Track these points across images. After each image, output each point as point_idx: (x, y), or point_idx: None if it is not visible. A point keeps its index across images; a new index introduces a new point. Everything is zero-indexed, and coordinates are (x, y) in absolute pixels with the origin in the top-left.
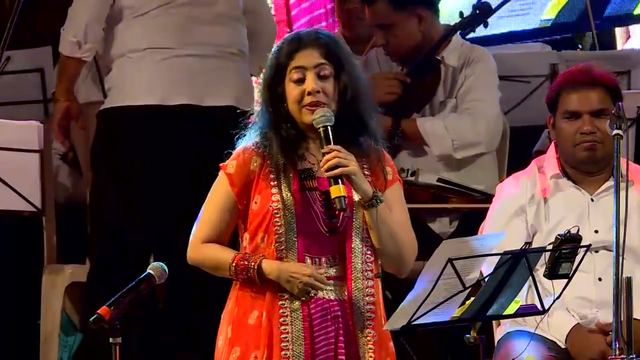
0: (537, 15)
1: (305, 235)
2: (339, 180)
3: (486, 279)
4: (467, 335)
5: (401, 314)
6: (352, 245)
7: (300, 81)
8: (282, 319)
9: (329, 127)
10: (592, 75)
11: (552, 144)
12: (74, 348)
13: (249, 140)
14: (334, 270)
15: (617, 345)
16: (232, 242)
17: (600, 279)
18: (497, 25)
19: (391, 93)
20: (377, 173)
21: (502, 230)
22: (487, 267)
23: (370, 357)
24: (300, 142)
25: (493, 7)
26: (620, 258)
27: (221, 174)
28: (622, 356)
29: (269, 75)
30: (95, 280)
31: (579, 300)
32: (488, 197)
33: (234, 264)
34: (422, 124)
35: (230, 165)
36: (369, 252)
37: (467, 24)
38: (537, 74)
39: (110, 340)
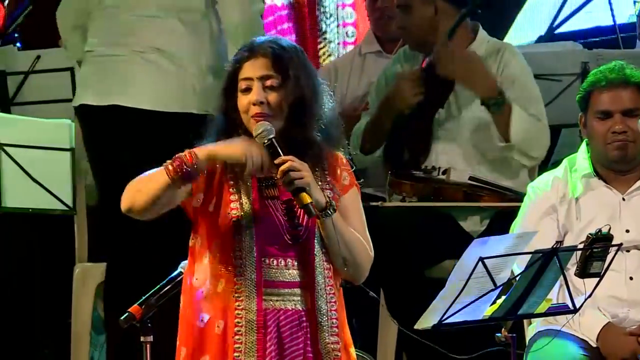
0: (625, 9)
1: (264, 243)
2: (301, 190)
3: (517, 278)
4: (498, 334)
5: (432, 312)
6: (315, 252)
7: (247, 91)
8: (237, 329)
9: (273, 140)
10: (623, 74)
11: (584, 143)
12: (105, 347)
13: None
14: (298, 276)
15: None
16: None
17: (631, 278)
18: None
19: (416, 94)
20: (337, 178)
21: (533, 229)
22: (518, 266)
23: None
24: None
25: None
26: None
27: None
28: None
29: (224, 83)
30: (111, 279)
31: (610, 299)
32: (519, 196)
33: (169, 164)
34: (518, 109)
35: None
36: (327, 259)
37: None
38: (569, 73)
39: (142, 339)
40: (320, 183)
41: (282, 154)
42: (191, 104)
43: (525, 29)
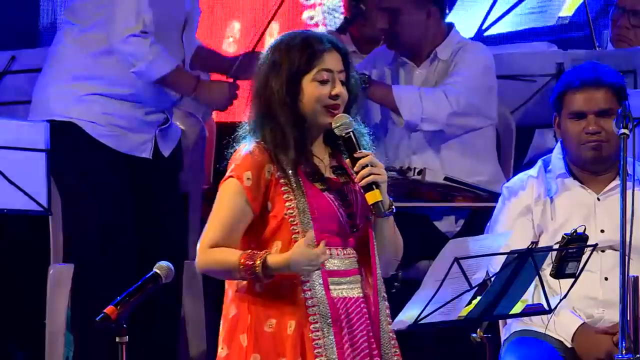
0: (555, 12)
1: (323, 235)
2: (373, 186)
3: (492, 279)
4: (473, 335)
5: (408, 313)
6: (374, 240)
7: (325, 82)
8: (311, 317)
9: (352, 132)
10: (597, 74)
11: (558, 143)
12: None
13: (250, 142)
14: (357, 263)
15: (624, 345)
16: None
17: (606, 279)
18: (515, 23)
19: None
20: None
21: (508, 229)
22: (493, 266)
23: (395, 352)
24: (309, 142)
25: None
26: (627, 257)
27: (234, 182)
28: (629, 355)
29: (286, 76)
30: (79, 281)
31: (586, 300)
32: (494, 196)
33: (241, 266)
34: (397, 88)
35: (246, 177)
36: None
37: None
38: (543, 73)
39: (117, 339)
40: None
41: (358, 147)
42: None
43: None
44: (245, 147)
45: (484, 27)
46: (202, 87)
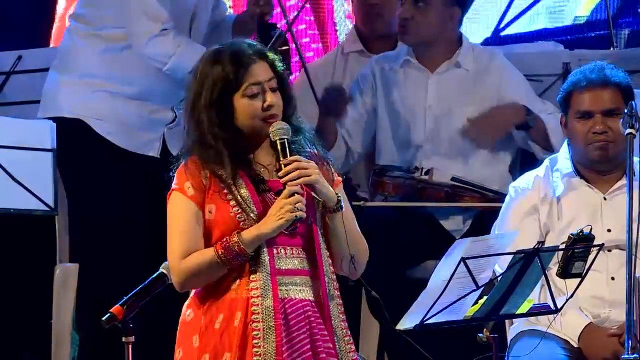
0: (572, 12)
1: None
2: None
3: (499, 278)
4: (480, 335)
5: (414, 313)
6: (319, 242)
7: (256, 96)
8: (254, 317)
9: (286, 140)
10: (604, 74)
11: (565, 143)
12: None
13: (183, 162)
14: (306, 264)
15: (630, 345)
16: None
17: (613, 279)
18: (532, 23)
19: None
20: (326, 175)
21: (515, 229)
22: (500, 266)
23: (350, 348)
24: (248, 150)
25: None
26: (634, 257)
27: (178, 195)
28: (635, 355)
29: (215, 95)
30: (85, 281)
31: (592, 300)
32: (501, 197)
33: (220, 254)
34: (547, 118)
35: (187, 188)
36: (328, 254)
37: None
38: (550, 74)
39: (124, 339)
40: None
41: (287, 154)
42: None
43: (471, 31)
44: (182, 164)
45: (500, 27)
46: None
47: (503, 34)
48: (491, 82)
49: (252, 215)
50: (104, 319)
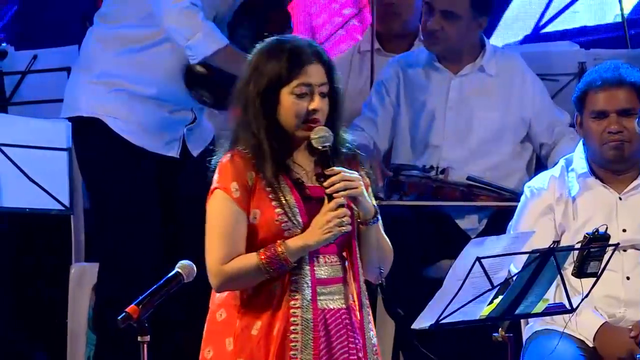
0: (611, 10)
1: None
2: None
3: (514, 278)
4: (495, 334)
5: (429, 312)
6: (356, 249)
7: (303, 96)
8: (292, 327)
9: (328, 148)
10: (619, 73)
11: (580, 142)
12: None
13: (228, 152)
14: (341, 272)
15: None
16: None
17: (628, 278)
18: (571, 20)
19: None
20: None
21: (530, 229)
22: (515, 266)
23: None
24: (288, 149)
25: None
26: None
27: (222, 194)
28: None
29: (264, 85)
30: (104, 280)
31: (607, 299)
32: (517, 196)
33: (263, 262)
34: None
35: (234, 189)
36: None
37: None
38: (565, 73)
39: (139, 339)
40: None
41: (331, 163)
42: None
43: (511, 28)
44: (227, 155)
45: (540, 24)
46: None
47: (543, 31)
48: (514, 88)
49: (296, 224)
50: (119, 318)
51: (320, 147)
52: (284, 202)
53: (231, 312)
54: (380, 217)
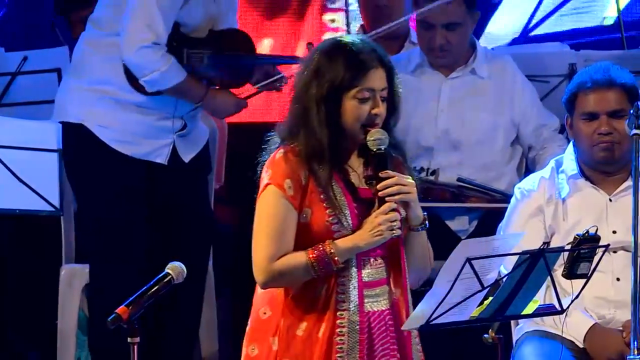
0: (600, 13)
1: None
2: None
3: (504, 279)
4: (485, 335)
5: (419, 313)
6: (405, 260)
7: (366, 101)
8: (339, 330)
9: (384, 151)
10: (609, 75)
11: (570, 144)
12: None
13: (280, 147)
14: (385, 273)
15: (636, 345)
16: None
17: (618, 279)
18: (560, 23)
19: None
20: None
21: (520, 230)
22: (505, 267)
23: (420, 356)
24: (346, 153)
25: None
26: (639, 258)
27: (275, 191)
28: None
29: (326, 88)
30: (95, 282)
31: (597, 300)
32: (507, 197)
33: (312, 262)
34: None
35: (287, 186)
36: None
37: None
38: (556, 74)
39: (129, 340)
40: None
41: (387, 166)
42: None
43: (500, 31)
44: (280, 151)
45: (529, 27)
46: (209, 98)
47: (532, 34)
48: (505, 90)
49: (346, 225)
50: (109, 319)
51: (375, 150)
52: (335, 203)
53: (275, 310)
54: (428, 224)
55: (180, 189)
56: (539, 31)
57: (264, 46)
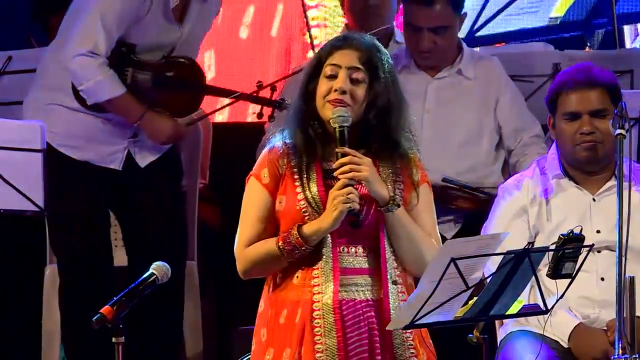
0: (546, 13)
1: (336, 231)
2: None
3: (489, 279)
4: (469, 335)
5: (404, 313)
6: (385, 241)
7: (332, 77)
8: (315, 313)
9: (345, 129)
10: (590, 74)
11: (554, 144)
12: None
13: (276, 139)
14: (367, 263)
15: (620, 345)
16: None
17: (602, 279)
18: (506, 23)
19: None
20: (405, 178)
21: (504, 230)
22: (490, 267)
23: (412, 353)
24: (325, 141)
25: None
26: (623, 258)
27: (254, 181)
28: (625, 355)
29: (308, 70)
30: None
31: (582, 300)
32: (492, 198)
33: (279, 245)
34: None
35: (263, 175)
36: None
37: None
38: (540, 74)
39: (113, 340)
40: (389, 182)
41: (347, 145)
42: None
43: None
44: (270, 145)
45: (475, 28)
46: (146, 120)
47: (478, 34)
48: (491, 91)
49: (318, 211)
50: (93, 319)
51: (337, 127)
52: (307, 190)
53: (266, 303)
54: (400, 206)
55: (142, 192)
56: (484, 32)
57: (249, 13)
